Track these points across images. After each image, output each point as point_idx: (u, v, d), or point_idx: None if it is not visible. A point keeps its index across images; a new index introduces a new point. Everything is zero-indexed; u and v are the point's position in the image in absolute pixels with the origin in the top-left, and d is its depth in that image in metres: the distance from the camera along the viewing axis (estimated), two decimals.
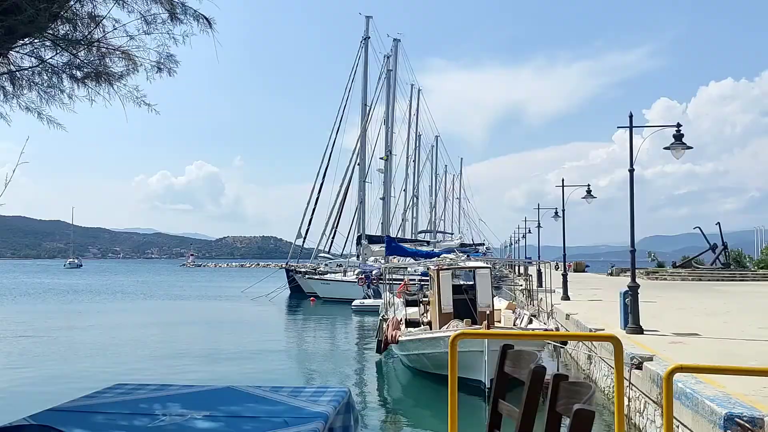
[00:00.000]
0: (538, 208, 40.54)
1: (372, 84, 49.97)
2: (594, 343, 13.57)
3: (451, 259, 19.02)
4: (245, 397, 2.97)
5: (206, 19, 3.75)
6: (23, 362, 18.07)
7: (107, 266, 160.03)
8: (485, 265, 18.36)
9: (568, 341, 15.59)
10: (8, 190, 3.71)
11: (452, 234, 79.17)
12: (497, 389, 3.00)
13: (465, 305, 15.91)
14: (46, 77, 3.56)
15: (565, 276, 24.44)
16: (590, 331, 13.93)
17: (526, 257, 58.18)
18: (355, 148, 49.40)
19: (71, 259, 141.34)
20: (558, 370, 12.74)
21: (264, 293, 42.31)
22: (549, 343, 15.02)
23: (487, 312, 15.41)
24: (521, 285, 33.23)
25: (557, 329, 16.62)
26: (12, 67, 3.59)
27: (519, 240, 64.95)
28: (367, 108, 49.16)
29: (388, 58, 51.30)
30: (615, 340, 3.17)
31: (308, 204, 48.92)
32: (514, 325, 16.14)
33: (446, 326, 14.91)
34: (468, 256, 25.29)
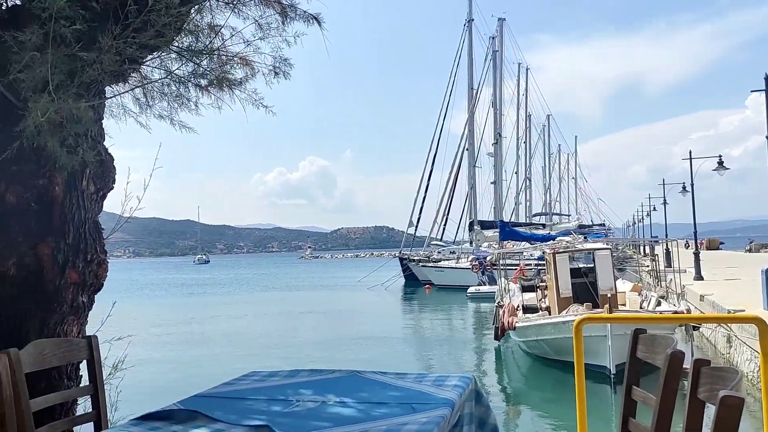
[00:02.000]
0: (663, 184, 38.41)
1: (478, 66, 49.27)
2: (733, 325, 12.62)
3: (567, 241, 18.42)
4: (371, 383, 3.04)
5: (315, 18, 3.85)
6: (163, 352, 19.57)
7: (232, 261, 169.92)
8: (605, 246, 17.60)
9: (703, 324, 14.62)
10: (143, 194, 4.03)
11: (569, 215, 76.44)
12: (630, 375, 2.87)
13: (585, 289, 15.36)
14: (174, 87, 3.81)
15: (696, 254, 22.90)
16: (728, 312, 12.97)
17: (651, 236, 55.16)
18: (463, 132, 48.96)
19: (200, 256, 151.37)
20: (693, 354, 12.00)
21: (380, 282, 43.09)
22: (681, 327, 14.16)
23: (609, 295, 14.79)
24: (647, 266, 31.50)
25: (689, 311, 15.63)
26: (144, 80, 3.88)
27: (643, 218, 61.67)
28: (474, 91, 48.49)
29: (493, 38, 50.40)
30: (759, 322, 2.92)
31: (418, 192, 49.17)
32: (641, 308, 15.40)
33: (566, 311, 14.49)
34: (586, 237, 24.33)
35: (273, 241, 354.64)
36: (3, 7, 3.43)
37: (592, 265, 16.06)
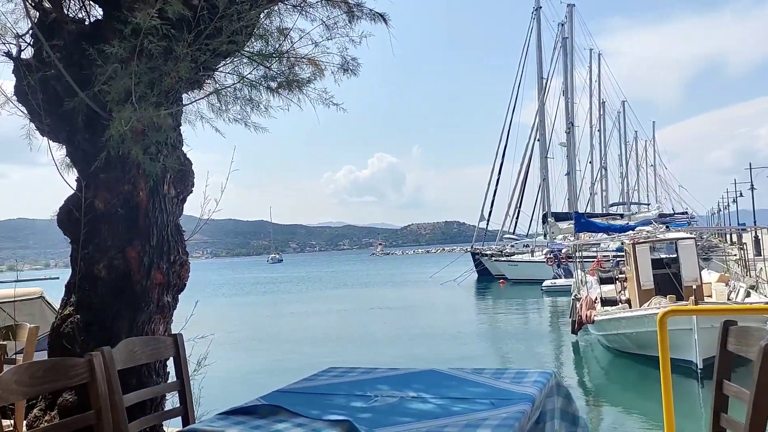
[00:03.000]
0: (750, 168, 36.47)
1: (547, 55, 48.04)
2: None
3: (648, 231, 17.75)
4: (449, 380, 3.02)
5: (382, 16, 3.86)
6: (242, 348, 20.14)
7: (304, 259, 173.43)
8: (688, 235, 16.83)
9: None
10: (221, 197, 4.16)
11: (648, 204, 73.49)
12: (721, 369, 2.73)
13: (667, 280, 14.75)
14: (246, 91, 3.92)
15: None
16: None
17: (738, 223, 52.38)
18: (534, 123, 47.87)
19: (273, 255, 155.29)
20: None
21: (452, 278, 42.83)
22: None
23: (694, 286, 14.15)
24: (735, 255, 29.89)
25: None
26: (218, 85, 4.01)
27: (728, 205, 58.68)
28: (544, 80, 47.36)
29: (562, 25, 48.95)
30: None
31: (489, 185, 48.43)
32: (728, 299, 14.65)
33: (647, 303, 13.97)
34: (668, 226, 23.35)
35: (344, 239, 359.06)
36: (86, 23, 3.62)
37: (674, 256, 15.41)
